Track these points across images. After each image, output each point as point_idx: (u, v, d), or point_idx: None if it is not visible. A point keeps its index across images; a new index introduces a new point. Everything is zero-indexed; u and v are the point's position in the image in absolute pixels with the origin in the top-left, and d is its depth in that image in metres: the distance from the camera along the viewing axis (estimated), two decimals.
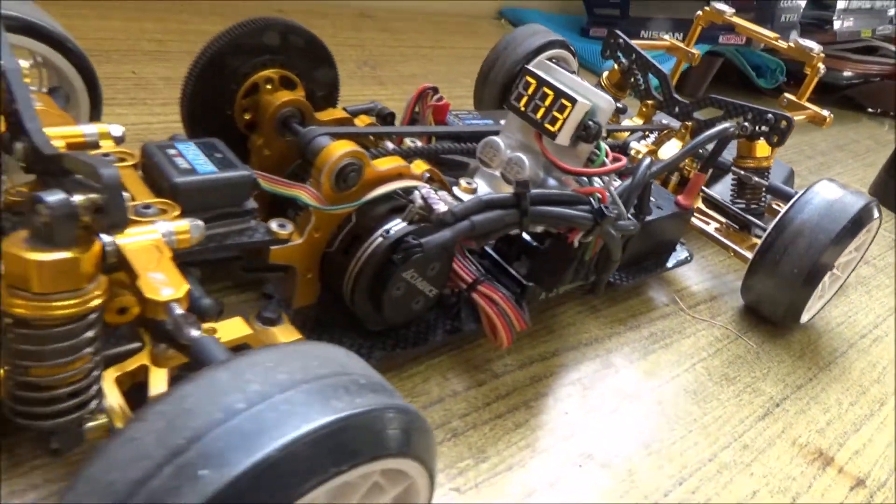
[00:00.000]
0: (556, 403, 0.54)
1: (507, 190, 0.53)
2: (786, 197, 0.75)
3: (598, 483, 0.48)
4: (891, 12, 1.80)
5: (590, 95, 0.50)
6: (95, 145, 0.42)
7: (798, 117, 0.79)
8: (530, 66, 0.52)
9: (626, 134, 0.75)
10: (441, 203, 0.46)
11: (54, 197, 0.29)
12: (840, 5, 1.55)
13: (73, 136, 0.41)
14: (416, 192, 0.47)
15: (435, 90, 0.62)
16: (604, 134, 0.50)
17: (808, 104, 0.82)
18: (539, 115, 0.51)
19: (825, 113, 0.81)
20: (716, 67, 1.47)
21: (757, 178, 0.75)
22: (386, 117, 0.64)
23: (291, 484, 0.24)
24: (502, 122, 0.72)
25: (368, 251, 0.46)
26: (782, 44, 0.85)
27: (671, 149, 0.80)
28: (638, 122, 0.83)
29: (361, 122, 0.55)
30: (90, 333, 0.32)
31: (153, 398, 0.36)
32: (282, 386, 0.25)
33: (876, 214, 0.69)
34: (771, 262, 0.67)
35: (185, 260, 0.39)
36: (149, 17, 0.97)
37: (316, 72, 0.53)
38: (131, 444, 0.23)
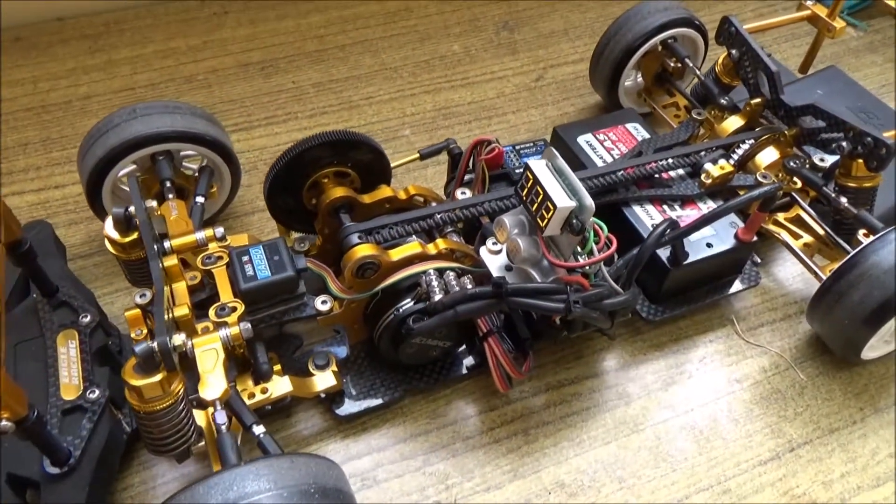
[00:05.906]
0: (556, 432, 0.65)
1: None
2: (873, 230, 0.69)
3: None
4: None
5: (576, 195, 0.56)
6: (205, 245, 0.62)
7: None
8: (531, 162, 0.59)
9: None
10: (438, 292, 0.59)
11: (140, 347, 0.49)
12: None
13: (190, 243, 0.62)
14: (423, 278, 0.60)
15: (488, 142, 0.71)
16: (587, 231, 0.57)
17: None
18: (534, 208, 0.58)
19: None
20: None
21: (846, 204, 0.70)
22: (456, 156, 0.75)
23: None
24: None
25: (385, 323, 0.61)
26: None
27: (770, 155, 0.77)
28: (739, 122, 0.79)
29: (407, 192, 0.67)
30: (180, 406, 0.53)
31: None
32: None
33: None
34: (836, 294, 0.66)
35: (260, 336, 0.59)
36: (317, 6, 1.13)
37: (367, 162, 0.65)
38: None
